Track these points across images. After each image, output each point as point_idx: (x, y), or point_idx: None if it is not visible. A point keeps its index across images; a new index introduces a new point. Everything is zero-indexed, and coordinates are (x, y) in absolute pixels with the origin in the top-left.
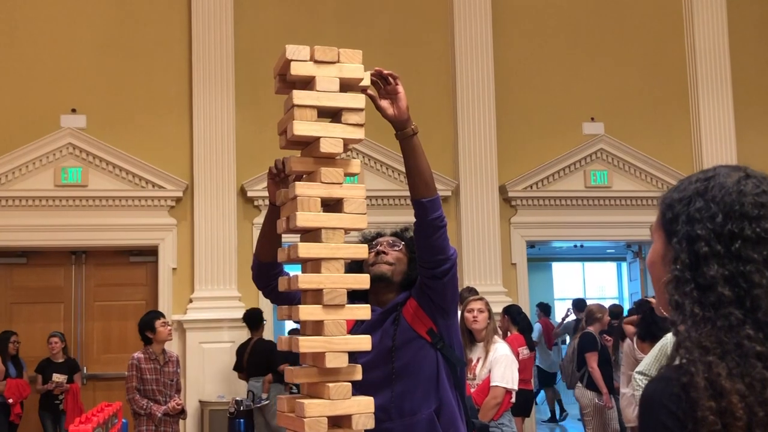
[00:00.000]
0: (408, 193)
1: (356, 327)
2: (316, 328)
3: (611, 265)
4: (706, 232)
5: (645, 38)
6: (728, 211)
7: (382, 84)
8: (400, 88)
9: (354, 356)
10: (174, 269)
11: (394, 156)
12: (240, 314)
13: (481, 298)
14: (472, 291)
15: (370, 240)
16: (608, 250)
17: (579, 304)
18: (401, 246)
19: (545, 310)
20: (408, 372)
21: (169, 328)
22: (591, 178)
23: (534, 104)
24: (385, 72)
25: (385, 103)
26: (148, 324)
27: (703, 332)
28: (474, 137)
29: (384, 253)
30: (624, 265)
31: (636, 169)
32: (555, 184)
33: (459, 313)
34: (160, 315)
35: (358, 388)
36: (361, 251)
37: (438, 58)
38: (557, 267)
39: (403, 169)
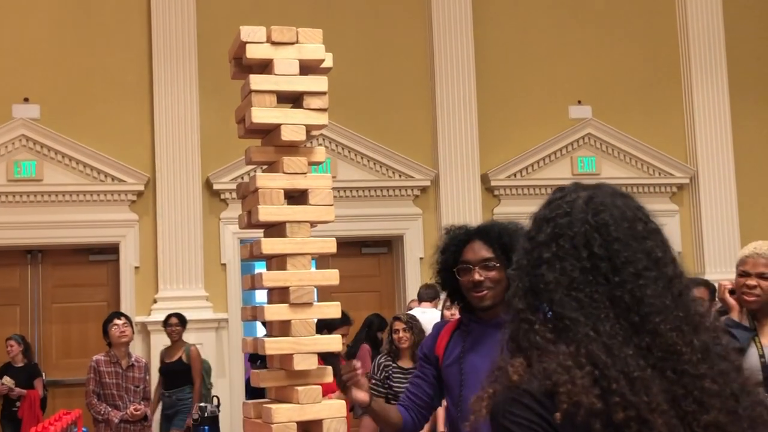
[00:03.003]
0: (383, 184)
1: (456, 342)
2: (282, 328)
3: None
4: (518, 254)
5: (635, 16)
6: (537, 220)
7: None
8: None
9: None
10: (136, 268)
11: (366, 142)
12: (208, 315)
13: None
14: (430, 288)
15: (457, 243)
16: None
17: None
18: (494, 264)
19: None
20: None
21: (121, 329)
22: (578, 165)
23: (517, 87)
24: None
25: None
26: (104, 326)
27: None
28: (454, 123)
29: (480, 282)
30: None
31: (626, 154)
32: (540, 171)
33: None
34: (115, 316)
35: None
36: (329, 245)
37: (415, 39)
38: None
39: (377, 157)
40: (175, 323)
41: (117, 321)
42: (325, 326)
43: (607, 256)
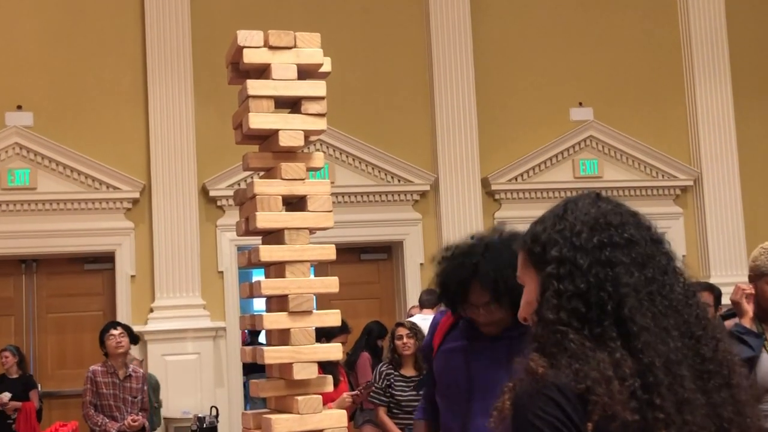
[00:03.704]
0: (382, 189)
1: (455, 337)
2: (282, 337)
3: None
4: (566, 251)
5: (637, 16)
6: (593, 224)
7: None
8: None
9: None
10: (132, 277)
11: (365, 147)
12: (205, 323)
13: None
14: (432, 293)
15: (458, 282)
16: None
17: None
18: (495, 306)
19: None
20: None
21: (117, 340)
22: (580, 167)
23: (517, 89)
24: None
25: None
26: (101, 336)
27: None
28: (453, 127)
29: (485, 320)
30: None
31: (628, 157)
32: (541, 175)
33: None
34: (111, 326)
35: None
36: (328, 252)
37: (413, 42)
38: None
39: (376, 162)
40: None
41: (113, 331)
42: (323, 335)
43: (666, 270)
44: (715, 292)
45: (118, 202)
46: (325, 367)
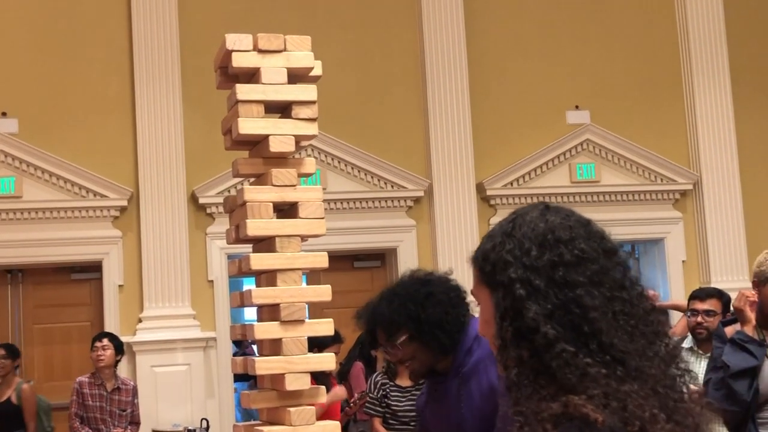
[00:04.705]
0: (375, 195)
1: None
2: (273, 347)
3: None
4: (521, 272)
5: (633, 17)
6: (542, 241)
7: None
8: None
9: None
10: (120, 286)
11: (357, 152)
12: (195, 334)
13: None
14: None
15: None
16: None
17: None
18: (400, 339)
19: None
20: None
21: (98, 353)
22: (577, 172)
23: (512, 92)
24: None
25: None
26: (90, 348)
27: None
28: (447, 131)
29: (397, 360)
30: None
31: (626, 160)
32: (537, 180)
33: None
34: (97, 337)
35: None
36: (320, 260)
37: (406, 45)
38: None
39: (369, 168)
40: (2, 355)
41: (97, 344)
42: (315, 345)
43: (624, 285)
44: (724, 298)
45: (105, 211)
46: (317, 377)
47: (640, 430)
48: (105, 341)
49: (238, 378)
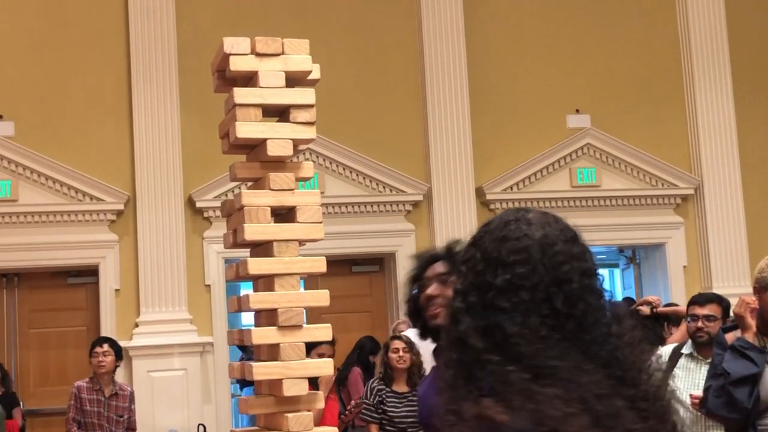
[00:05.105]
0: (374, 199)
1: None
2: (271, 352)
3: (602, 273)
4: (465, 285)
5: (634, 20)
6: (488, 258)
7: None
8: None
9: None
10: (117, 290)
11: (355, 156)
12: (192, 338)
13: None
14: None
15: (423, 265)
16: (599, 256)
17: None
18: (451, 279)
19: None
20: None
21: (99, 359)
22: (577, 176)
23: (512, 96)
24: None
25: None
26: (89, 353)
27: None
28: (447, 135)
29: (433, 297)
30: (617, 272)
31: (627, 165)
32: (537, 184)
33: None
34: (97, 342)
35: None
36: (318, 264)
37: (405, 48)
38: None
39: (367, 172)
40: None
41: (98, 349)
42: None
43: (570, 314)
44: (724, 303)
45: (101, 214)
46: (312, 381)
47: (552, 430)
48: (105, 347)
49: (245, 383)
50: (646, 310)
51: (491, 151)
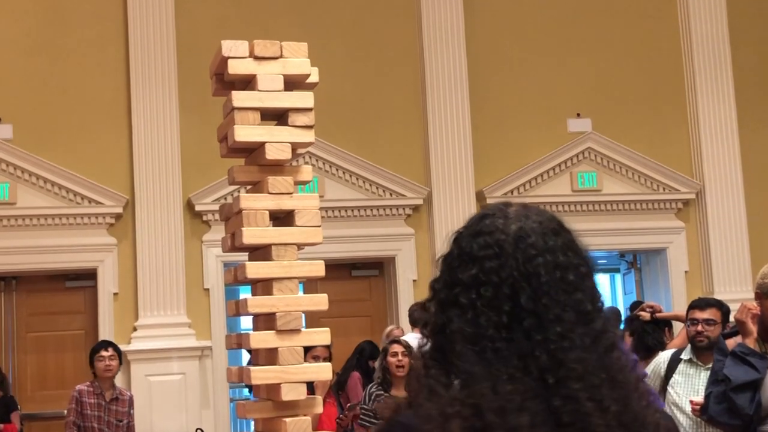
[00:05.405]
0: (373, 203)
1: None
2: (269, 356)
3: (603, 278)
4: (438, 283)
5: (635, 24)
6: (461, 254)
7: None
8: None
9: None
10: (115, 294)
11: (355, 160)
12: (190, 342)
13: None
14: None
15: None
16: (599, 261)
17: None
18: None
19: None
20: None
21: (107, 363)
22: (578, 180)
23: (512, 100)
24: None
25: None
26: (90, 356)
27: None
28: (447, 138)
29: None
30: (618, 276)
31: (628, 169)
32: (538, 188)
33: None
34: (102, 346)
35: None
36: (317, 268)
37: (405, 50)
38: None
39: (367, 175)
40: None
41: (103, 353)
42: None
43: (533, 310)
44: (724, 309)
45: (100, 218)
46: (308, 384)
47: (438, 427)
48: (111, 350)
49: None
50: (646, 315)
51: (491, 155)
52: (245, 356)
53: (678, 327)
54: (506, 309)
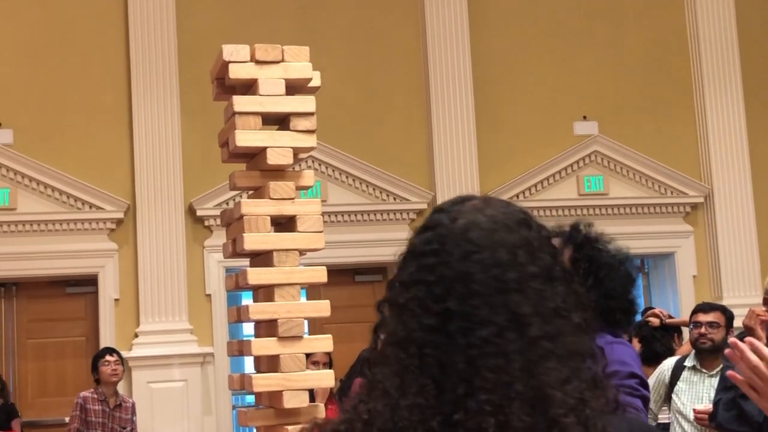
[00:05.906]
0: (377, 207)
1: None
2: (271, 363)
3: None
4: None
5: (643, 26)
6: (409, 250)
7: None
8: None
9: None
10: (116, 300)
11: (358, 164)
12: (192, 349)
13: None
14: None
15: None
16: None
17: None
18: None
19: None
20: None
21: (113, 368)
22: (585, 184)
23: (518, 103)
24: None
25: None
26: (94, 362)
27: None
28: (451, 142)
29: None
30: None
31: (635, 173)
32: (544, 192)
33: None
34: (107, 352)
35: None
36: (319, 274)
37: (408, 53)
38: None
39: (370, 179)
40: None
41: (109, 358)
42: None
43: (461, 312)
44: (728, 313)
45: (101, 223)
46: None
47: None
48: (116, 356)
49: None
50: (655, 321)
51: (497, 159)
52: (248, 363)
53: (688, 333)
54: (436, 310)
